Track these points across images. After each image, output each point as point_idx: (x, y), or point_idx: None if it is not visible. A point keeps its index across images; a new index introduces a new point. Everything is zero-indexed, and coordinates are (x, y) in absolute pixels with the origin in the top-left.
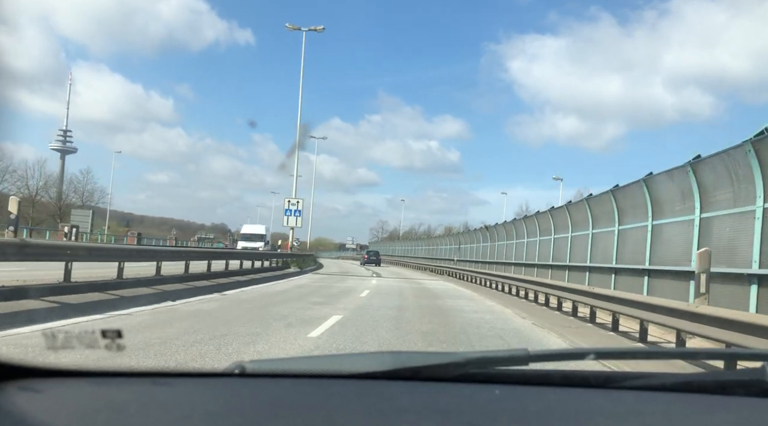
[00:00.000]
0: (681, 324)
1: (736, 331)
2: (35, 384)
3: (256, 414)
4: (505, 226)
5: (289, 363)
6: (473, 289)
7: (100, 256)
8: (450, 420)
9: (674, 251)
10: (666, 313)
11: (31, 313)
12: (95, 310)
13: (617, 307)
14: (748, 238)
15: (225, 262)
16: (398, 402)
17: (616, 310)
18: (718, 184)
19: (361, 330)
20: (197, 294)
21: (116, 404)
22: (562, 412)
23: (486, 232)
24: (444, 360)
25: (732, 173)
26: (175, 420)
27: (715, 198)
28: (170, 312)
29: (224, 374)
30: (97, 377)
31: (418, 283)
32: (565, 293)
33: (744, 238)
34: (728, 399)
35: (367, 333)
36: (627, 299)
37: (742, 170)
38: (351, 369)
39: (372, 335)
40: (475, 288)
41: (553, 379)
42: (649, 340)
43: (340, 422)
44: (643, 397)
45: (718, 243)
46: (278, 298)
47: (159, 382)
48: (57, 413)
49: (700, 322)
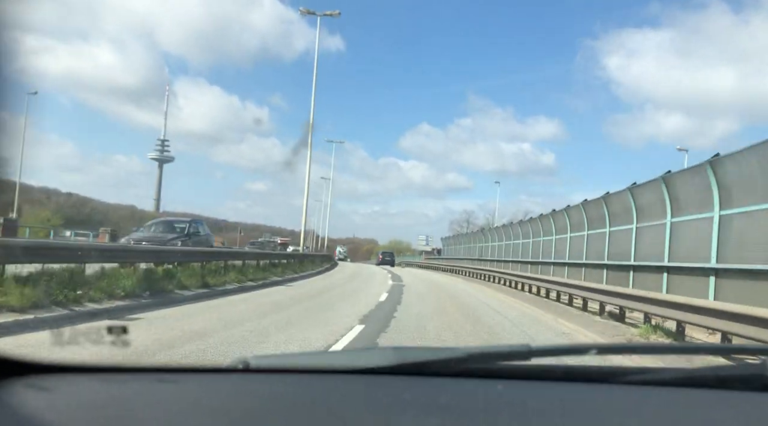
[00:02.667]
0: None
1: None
2: (41, 380)
3: (259, 409)
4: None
5: (292, 358)
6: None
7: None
8: (452, 415)
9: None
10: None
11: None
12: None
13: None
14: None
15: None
16: (401, 397)
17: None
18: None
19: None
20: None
21: (121, 400)
22: (564, 407)
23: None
24: (446, 355)
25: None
26: (179, 415)
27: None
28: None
29: (228, 369)
30: (101, 373)
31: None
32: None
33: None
34: (729, 394)
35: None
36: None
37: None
38: (354, 364)
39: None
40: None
41: (554, 374)
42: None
43: (343, 417)
44: (645, 391)
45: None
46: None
47: (163, 377)
48: (63, 409)
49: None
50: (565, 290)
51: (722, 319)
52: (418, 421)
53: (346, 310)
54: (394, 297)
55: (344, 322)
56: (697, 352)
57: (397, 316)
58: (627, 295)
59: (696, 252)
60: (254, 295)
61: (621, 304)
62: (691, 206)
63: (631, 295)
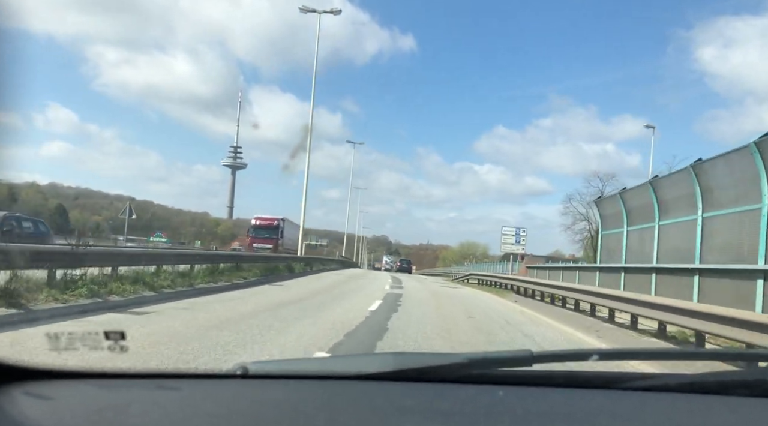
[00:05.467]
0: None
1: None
2: (40, 386)
3: (258, 415)
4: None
5: (292, 364)
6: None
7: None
8: (454, 421)
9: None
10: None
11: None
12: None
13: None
14: None
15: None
16: (402, 403)
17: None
18: None
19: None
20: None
21: (119, 406)
22: (566, 413)
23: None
24: (447, 361)
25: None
26: (176, 422)
27: None
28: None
29: (227, 375)
30: (99, 379)
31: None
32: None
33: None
34: (731, 399)
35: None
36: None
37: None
38: (354, 370)
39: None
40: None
41: (556, 380)
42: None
43: (343, 423)
44: (647, 397)
45: None
46: None
47: (162, 383)
48: (60, 415)
49: None
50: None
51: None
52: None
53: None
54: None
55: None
56: (699, 357)
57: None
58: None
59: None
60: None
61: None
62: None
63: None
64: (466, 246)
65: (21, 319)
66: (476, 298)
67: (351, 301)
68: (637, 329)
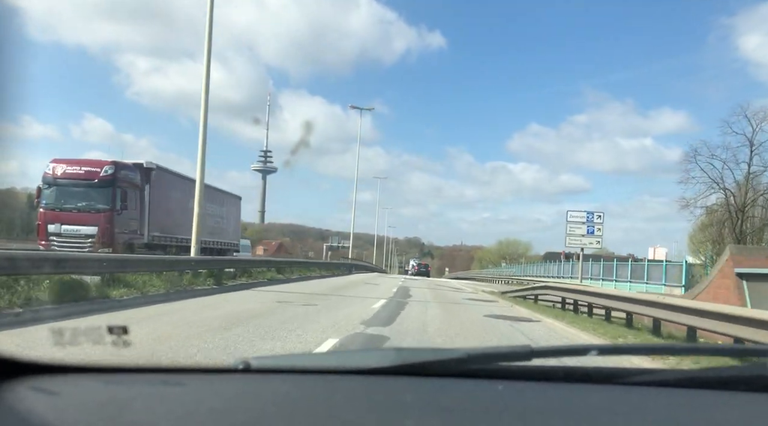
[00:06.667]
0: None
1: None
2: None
3: (260, 410)
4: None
5: (293, 359)
6: None
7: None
8: (453, 415)
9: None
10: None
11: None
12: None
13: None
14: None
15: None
16: (402, 398)
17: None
18: None
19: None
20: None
21: (121, 401)
22: (565, 408)
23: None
24: (447, 356)
25: None
26: (179, 417)
27: None
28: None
29: (229, 370)
30: (104, 373)
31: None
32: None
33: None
34: (731, 395)
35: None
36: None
37: None
38: (355, 365)
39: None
40: None
41: (555, 375)
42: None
43: (344, 418)
44: (646, 393)
45: None
46: None
47: (165, 378)
48: (65, 410)
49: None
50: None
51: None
52: (419, 422)
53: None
54: None
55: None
56: (699, 353)
57: None
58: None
59: None
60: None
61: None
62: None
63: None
64: (505, 245)
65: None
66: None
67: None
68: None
